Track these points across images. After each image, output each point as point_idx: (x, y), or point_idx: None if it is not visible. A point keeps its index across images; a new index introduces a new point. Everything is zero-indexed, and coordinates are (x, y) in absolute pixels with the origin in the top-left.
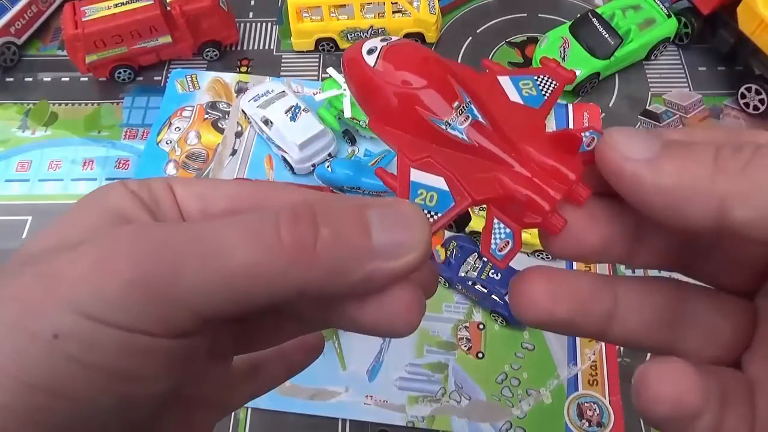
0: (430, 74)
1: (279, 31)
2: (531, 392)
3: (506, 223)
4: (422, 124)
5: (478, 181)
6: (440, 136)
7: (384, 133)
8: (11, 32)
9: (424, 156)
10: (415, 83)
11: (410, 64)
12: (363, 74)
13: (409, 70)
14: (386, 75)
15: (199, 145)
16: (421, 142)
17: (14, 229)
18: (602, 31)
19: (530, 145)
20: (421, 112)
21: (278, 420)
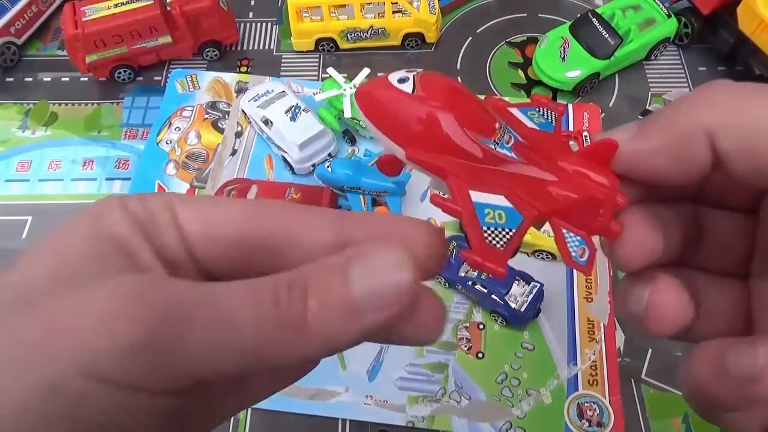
0: (469, 98)
1: (279, 31)
2: (531, 392)
3: (575, 232)
4: (468, 146)
5: (536, 196)
6: (487, 156)
7: (427, 160)
8: (11, 32)
9: (474, 177)
10: (459, 106)
11: (448, 89)
12: (401, 102)
13: (450, 94)
14: (429, 99)
15: (199, 145)
16: (467, 164)
17: (14, 229)
18: (602, 31)
19: (565, 160)
20: (469, 134)
21: (278, 420)
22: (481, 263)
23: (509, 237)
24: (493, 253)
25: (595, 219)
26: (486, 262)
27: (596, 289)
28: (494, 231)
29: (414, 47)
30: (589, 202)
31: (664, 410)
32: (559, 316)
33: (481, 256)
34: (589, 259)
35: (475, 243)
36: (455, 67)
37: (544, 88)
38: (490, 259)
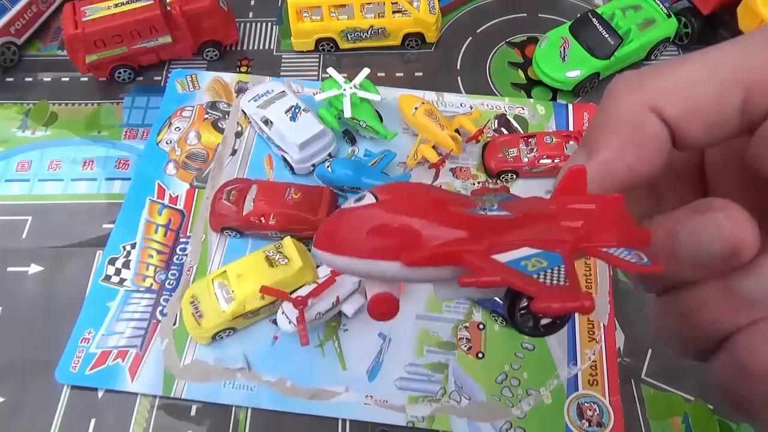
0: (431, 188)
1: (279, 31)
2: (531, 392)
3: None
4: (461, 221)
5: (555, 233)
6: (483, 223)
7: (430, 254)
8: (11, 32)
9: (485, 246)
10: (429, 193)
11: (407, 186)
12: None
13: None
14: (398, 198)
15: (199, 145)
16: (470, 239)
17: (14, 229)
18: (602, 31)
19: (551, 203)
20: (454, 210)
21: (278, 420)
22: (563, 305)
23: (564, 273)
24: (564, 290)
25: (622, 228)
26: (568, 303)
27: (596, 289)
28: (545, 275)
29: (414, 47)
30: (605, 213)
31: (664, 410)
32: None
33: (557, 299)
34: (650, 257)
35: (537, 289)
36: (455, 67)
37: (544, 88)
38: (567, 297)
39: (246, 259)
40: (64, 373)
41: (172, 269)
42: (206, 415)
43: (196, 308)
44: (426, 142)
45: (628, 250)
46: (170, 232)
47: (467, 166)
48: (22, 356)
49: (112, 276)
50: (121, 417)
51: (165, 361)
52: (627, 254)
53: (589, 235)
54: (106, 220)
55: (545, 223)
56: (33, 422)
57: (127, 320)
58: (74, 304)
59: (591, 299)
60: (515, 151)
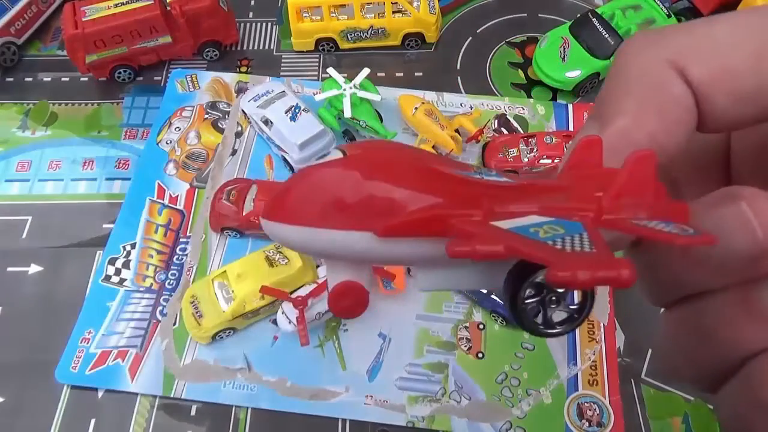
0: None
1: (279, 31)
2: (531, 392)
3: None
4: (448, 184)
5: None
6: (477, 189)
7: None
8: (11, 32)
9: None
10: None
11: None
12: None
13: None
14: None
15: (199, 145)
16: (459, 205)
17: (14, 229)
18: (602, 31)
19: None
20: (442, 169)
21: (278, 420)
22: (593, 275)
23: (588, 239)
24: (591, 257)
25: (656, 197)
26: (600, 271)
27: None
28: (563, 241)
29: (414, 47)
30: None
31: (664, 410)
32: None
33: (584, 266)
34: (696, 229)
35: (555, 256)
36: (455, 67)
37: (544, 88)
38: (596, 265)
39: (246, 259)
40: (64, 373)
41: (172, 269)
42: (206, 415)
43: (196, 308)
44: (426, 142)
45: (665, 222)
46: (170, 232)
47: None
48: (22, 356)
49: (112, 276)
50: (121, 417)
51: (165, 361)
52: (665, 226)
53: (614, 204)
54: (106, 220)
55: (557, 192)
56: (33, 422)
57: (127, 320)
58: (74, 304)
59: (630, 267)
60: (515, 151)
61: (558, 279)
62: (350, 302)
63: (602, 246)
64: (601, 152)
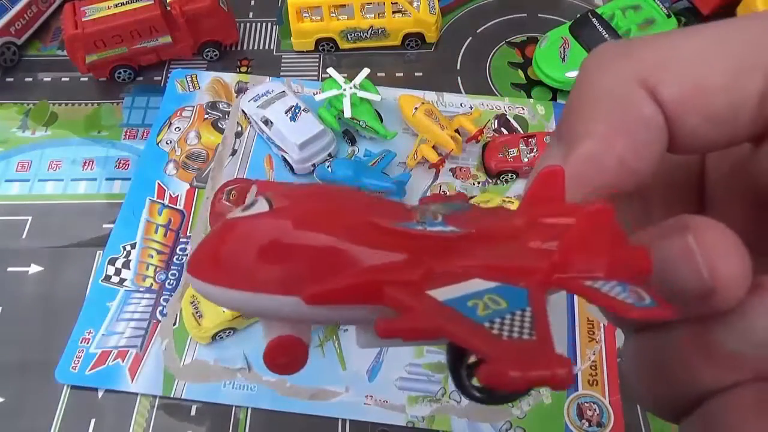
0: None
1: (279, 31)
2: (531, 392)
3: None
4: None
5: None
6: (417, 244)
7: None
8: (11, 32)
9: (418, 274)
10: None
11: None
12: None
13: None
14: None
15: (199, 145)
16: (393, 264)
17: (14, 229)
18: (602, 31)
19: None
20: (379, 222)
21: (278, 420)
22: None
23: (529, 319)
24: (528, 348)
25: (614, 248)
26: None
27: None
28: (501, 322)
29: (414, 47)
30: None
31: None
32: (559, 316)
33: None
34: (654, 296)
35: (489, 346)
36: (455, 67)
37: (544, 88)
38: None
39: None
40: (64, 373)
41: (172, 269)
42: (206, 415)
43: (196, 308)
44: (426, 142)
45: (621, 284)
46: (170, 232)
47: (467, 166)
48: (22, 356)
49: (112, 276)
50: (121, 417)
51: (165, 361)
52: (621, 291)
53: (567, 261)
54: (106, 220)
55: (506, 243)
56: (33, 422)
57: (127, 320)
58: (74, 304)
59: (567, 366)
60: (515, 151)
61: (488, 379)
62: (287, 359)
63: (543, 330)
64: (563, 184)
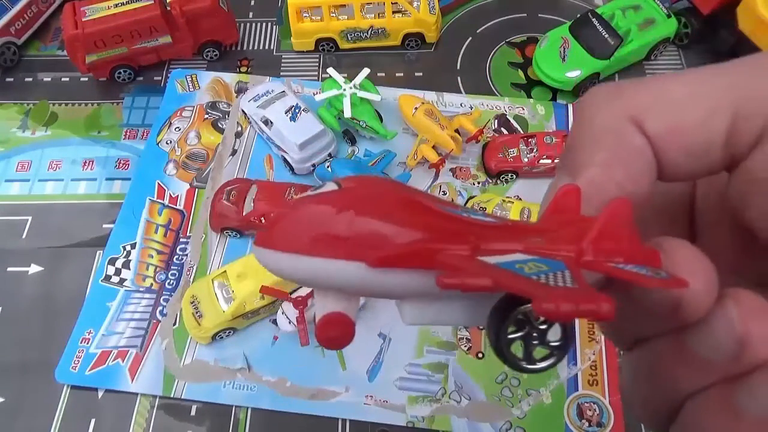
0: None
1: (279, 31)
2: (531, 392)
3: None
4: (436, 219)
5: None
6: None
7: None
8: (11, 32)
9: (468, 248)
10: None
11: (381, 178)
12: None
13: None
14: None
15: (199, 145)
16: (447, 240)
17: (14, 229)
18: (602, 31)
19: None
20: (431, 205)
21: (278, 420)
22: (576, 308)
23: (570, 277)
24: (574, 292)
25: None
26: (582, 304)
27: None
28: (546, 277)
29: (414, 47)
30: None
31: None
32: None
33: (567, 299)
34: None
35: (540, 290)
36: (455, 67)
37: (544, 88)
38: (578, 298)
39: (246, 259)
40: (64, 373)
41: (172, 269)
42: (206, 415)
43: (196, 308)
44: (426, 142)
45: (640, 267)
46: (170, 232)
47: (467, 166)
48: (22, 356)
49: (112, 276)
50: (121, 417)
51: (165, 361)
52: (641, 270)
53: (593, 247)
54: (106, 220)
55: (540, 233)
56: (33, 422)
57: (127, 320)
58: (74, 304)
59: (611, 302)
60: (515, 151)
61: (543, 310)
62: (338, 333)
63: (584, 283)
64: (579, 200)
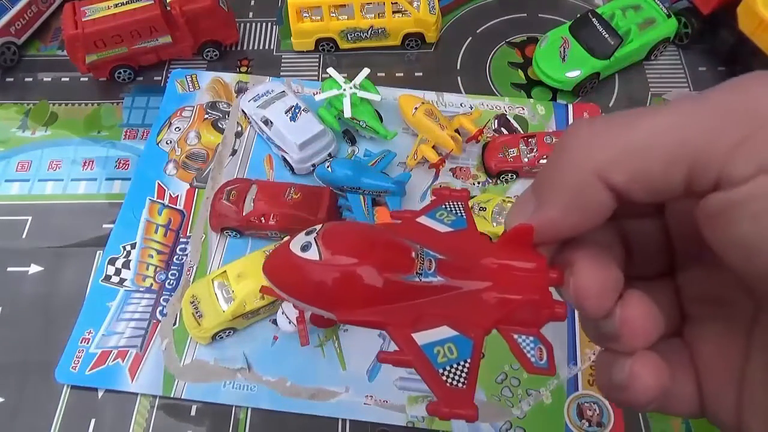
0: (377, 240)
1: (279, 31)
2: (531, 392)
3: (525, 333)
4: (394, 289)
5: (475, 312)
6: (414, 291)
7: (360, 319)
8: (11, 32)
9: (412, 318)
10: (371, 254)
11: (353, 241)
12: (313, 274)
13: (357, 245)
14: (339, 261)
15: (199, 145)
16: (397, 307)
17: (14, 229)
18: (602, 31)
19: (489, 257)
20: (390, 277)
21: (278, 420)
22: (450, 413)
23: (466, 370)
24: (458, 396)
25: (540, 311)
26: (456, 410)
27: None
28: (450, 369)
29: (414, 47)
30: (531, 303)
31: None
32: None
33: (449, 405)
34: (548, 359)
35: (439, 392)
36: (455, 67)
37: (544, 88)
38: (457, 404)
39: (246, 259)
40: (64, 373)
41: (172, 269)
42: (206, 415)
43: (196, 308)
44: (426, 142)
45: (536, 341)
46: (170, 232)
47: (467, 166)
48: (22, 356)
49: (112, 276)
50: (121, 417)
51: (165, 361)
52: (532, 348)
53: (509, 317)
54: (106, 220)
55: (473, 296)
56: (33, 422)
57: (127, 320)
58: (74, 304)
59: (475, 411)
60: (515, 151)
61: (430, 411)
62: (323, 322)
63: (471, 382)
64: (532, 237)
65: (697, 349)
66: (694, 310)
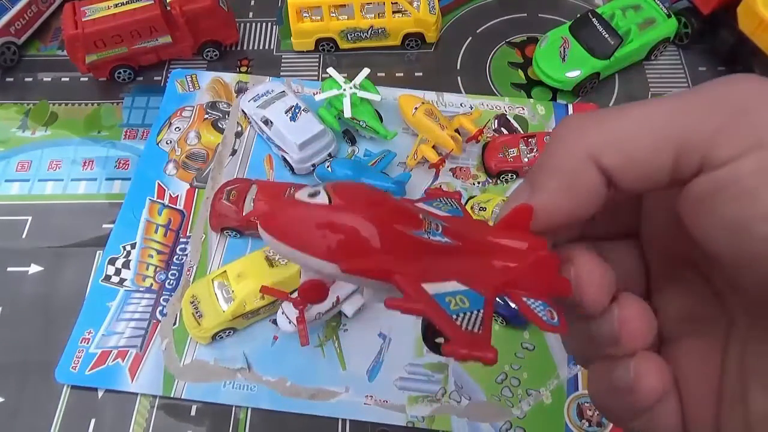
0: (386, 197)
1: (279, 31)
2: (531, 392)
3: (535, 297)
4: (403, 241)
5: (483, 273)
6: (422, 247)
7: (367, 267)
8: (11, 32)
9: (420, 270)
10: (382, 205)
11: (364, 192)
12: (322, 216)
13: (368, 196)
14: (351, 206)
15: (199, 145)
16: (405, 260)
17: (14, 229)
18: (602, 31)
19: (491, 235)
20: (401, 229)
21: (278, 420)
22: (469, 354)
23: (481, 317)
24: (475, 339)
25: (547, 280)
26: (474, 352)
27: None
28: (464, 316)
29: (414, 47)
30: (536, 266)
31: None
32: None
33: (467, 346)
34: (560, 319)
35: (454, 333)
36: (455, 67)
37: (544, 88)
38: (475, 346)
39: (246, 259)
40: (64, 373)
41: (172, 269)
42: (206, 415)
43: (196, 308)
44: (426, 142)
45: (544, 304)
46: (170, 232)
47: (467, 166)
48: (22, 356)
49: (112, 276)
50: (121, 417)
51: (165, 361)
52: (542, 309)
53: (517, 281)
54: (106, 220)
55: (480, 258)
56: (33, 422)
57: (127, 320)
58: (74, 304)
59: (495, 353)
60: (515, 151)
61: (446, 352)
62: (315, 294)
63: (487, 329)
64: (531, 217)
65: (675, 368)
66: (671, 329)
